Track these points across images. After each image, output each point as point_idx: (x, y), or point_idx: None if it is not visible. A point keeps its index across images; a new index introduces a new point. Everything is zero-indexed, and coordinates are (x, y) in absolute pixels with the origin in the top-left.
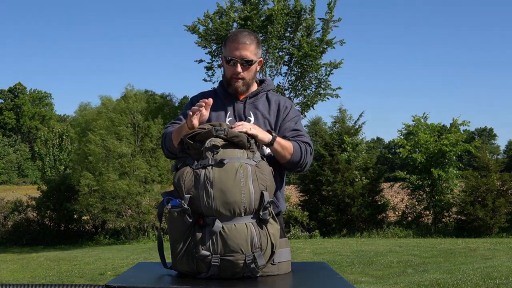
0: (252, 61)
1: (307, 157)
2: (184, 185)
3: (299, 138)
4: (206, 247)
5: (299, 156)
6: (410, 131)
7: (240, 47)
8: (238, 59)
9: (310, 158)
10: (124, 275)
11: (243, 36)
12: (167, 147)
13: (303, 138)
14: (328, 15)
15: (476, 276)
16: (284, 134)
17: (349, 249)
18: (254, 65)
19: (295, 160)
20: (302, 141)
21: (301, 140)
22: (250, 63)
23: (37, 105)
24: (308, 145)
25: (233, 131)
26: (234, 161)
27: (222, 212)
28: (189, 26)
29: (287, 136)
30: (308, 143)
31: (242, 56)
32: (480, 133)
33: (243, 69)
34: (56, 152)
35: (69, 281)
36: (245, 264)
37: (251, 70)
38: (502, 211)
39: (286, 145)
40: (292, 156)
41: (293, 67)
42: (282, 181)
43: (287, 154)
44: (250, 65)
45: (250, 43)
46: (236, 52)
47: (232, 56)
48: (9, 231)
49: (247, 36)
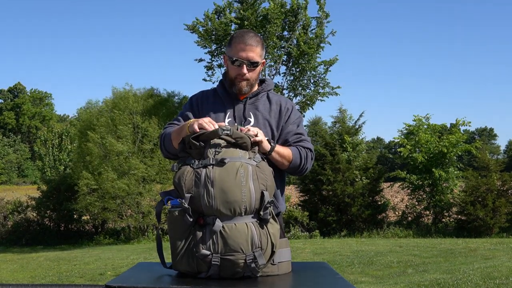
0: (257, 63)
1: (307, 163)
2: (184, 184)
3: (301, 144)
4: (207, 246)
5: (298, 162)
6: (410, 131)
7: (247, 49)
8: (244, 61)
9: (311, 163)
10: (124, 275)
11: (249, 38)
12: (166, 148)
13: (305, 143)
14: (320, 12)
15: (476, 276)
16: (287, 138)
17: (349, 249)
18: (258, 66)
19: (294, 167)
20: (303, 147)
21: (302, 145)
22: (256, 65)
23: (37, 105)
24: (309, 150)
25: (238, 132)
26: (235, 160)
27: (222, 211)
28: (189, 25)
29: (289, 140)
30: (309, 149)
31: (248, 58)
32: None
33: (249, 70)
34: (56, 152)
35: (69, 281)
36: (245, 264)
37: (255, 72)
38: (502, 211)
39: (284, 153)
40: (290, 163)
41: (291, 67)
42: (282, 182)
43: (285, 162)
44: (255, 67)
45: (256, 45)
46: (242, 53)
47: (238, 57)
48: (9, 231)
49: (253, 37)
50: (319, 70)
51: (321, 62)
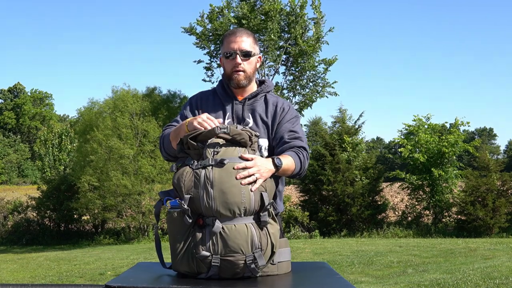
0: (250, 52)
1: (305, 165)
2: (184, 185)
3: (296, 143)
4: (206, 247)
5: (299, 168)
6: (410, 131)
7: (238, 40)
8: (236, 51)
9: (307, 162)
10: (124, 275)
11: (239, 31)
12: (166, 150)
13: (299, 142)
14: (316, 13)
15: (476, 276)
16: (282, 135)
17: (349, 249)
18: (253, 58)
19: (295, 173)
20: (298, 147)
21: (297, 145)
22: (249, 55)
23: (38, 105)
24: (304, 149)
25: (235, 129)
26: (234, 161)
27: (222, 212)
28: (186, 27)
29: (284, 137)
30: (303, 147)
31: (240, 48)
32: (480, 133)
33: (243, 60)
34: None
35: (69, 281)
36: (245, 265)
37: (251, 63)
38: (502, 211)
39: (288, 166)
40: (292, 172)
41: (290, 67)
42: (281, 182)
43: (288, 173)
44: (249, 57)
45: (247, 37)
46: (234, 45)
47: (230, 49)
48: (9, 231)
49: (243, 31)
50: (319, 69)
51: (320, 61)
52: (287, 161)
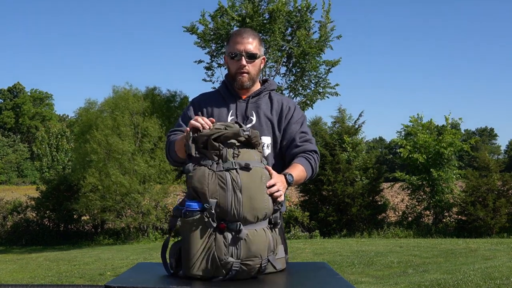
0: (256, 54)
1: (316, 168)
2: (208, 188)
3: (307, 146)
4: (229, 252)
5: (310, 174)
6: (408, 132)
7: (244, 42)
8: (242, 52)
9: (318, 164)
10: (123, 276)
11: (245, 32)
12: (172, 157)
13: (310, 146)
14: (324, 17)
15: (476, 277)
16: (293, 137)
17: (349, 249)
18: (258, 60)
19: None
20: (310, 151)
21: (309, 149)
22: (254, 57)
23: (37, 105)
24: (315, 153)
25: (254, 132)
26: (256, 165)
27: (247, 218)
28: (187, 27)
29: (296, 141)
30: (314, 151)
31: (246, 50)
32: (481, 133)
33: (248, 62)
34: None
35: (69, 281)
36: (260, 268)
37: (255, 65)
38: (502, 211)
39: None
40: (304, 180)
41: (292, 68)
42: None
43: (300, 183)
44: (254, 59)
45: (253, 38)
46: (240, 46)
47: (236, 50)
48: (8, 232)
49: (249, 32)
50: (320, 70)
51: (322, 62)
52: (298, 172)
